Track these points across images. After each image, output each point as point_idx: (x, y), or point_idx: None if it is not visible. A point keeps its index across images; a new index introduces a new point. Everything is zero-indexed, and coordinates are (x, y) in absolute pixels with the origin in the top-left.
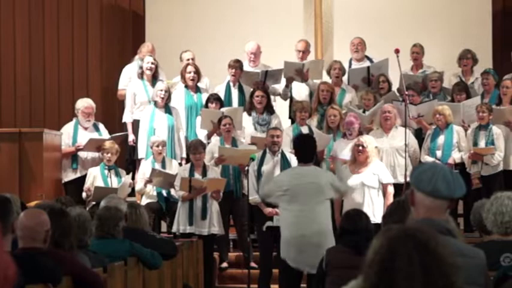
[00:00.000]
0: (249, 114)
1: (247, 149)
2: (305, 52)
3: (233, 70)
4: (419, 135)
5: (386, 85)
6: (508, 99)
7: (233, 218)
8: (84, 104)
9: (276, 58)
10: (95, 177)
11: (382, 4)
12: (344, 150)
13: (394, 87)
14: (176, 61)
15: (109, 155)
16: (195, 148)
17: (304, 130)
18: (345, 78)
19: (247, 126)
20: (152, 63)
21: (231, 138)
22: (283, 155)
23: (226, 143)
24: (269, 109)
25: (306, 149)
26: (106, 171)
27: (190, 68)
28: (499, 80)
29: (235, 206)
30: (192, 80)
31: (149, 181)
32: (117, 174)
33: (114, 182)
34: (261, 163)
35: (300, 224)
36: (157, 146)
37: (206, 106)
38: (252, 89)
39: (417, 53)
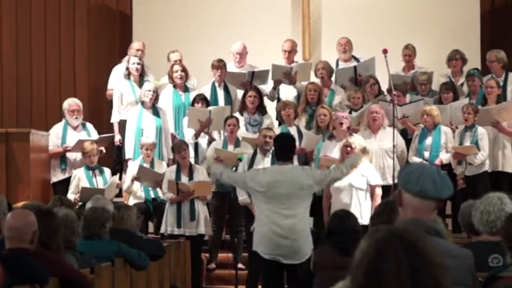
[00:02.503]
0: (241, 114)
1: (243, 151)
2: (291, 52)
3: (218, 70)
4: (404, 135)
5: (376, 87)
6: (493, 99)
7: (229, 218)
8: (69, 102)
9: (264, 58)
10: (80, 179)
11: (370, 4)
12: (332, 153)
13: (383, 88)
14: (164, 61)
15: (91, 157)
16: (179, 147)
17: (293, 130)
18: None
19: (239, 127)
20: (138, 64)
21: (235, 138)
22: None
23: (230, 143)
24: (261, 110)
25: (284, 148)
26: (90, 172)
27: (176, 67)
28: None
29: (232, 207)
30: (180, 78)
31: (136, 178)
32: (102, 174)
33: (99, 182)
34: (251, 164)
35: (275, 223)
36: (146, 149)
37: (192, 106)
38: (237, 89)
39: (409, 55)
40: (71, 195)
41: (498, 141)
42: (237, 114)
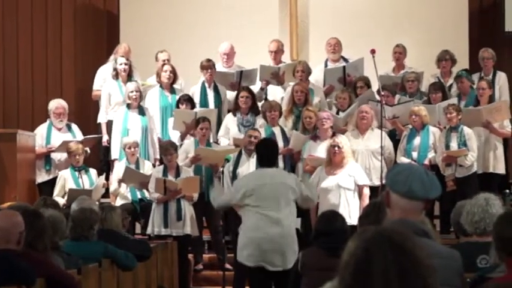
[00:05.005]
0: (234, 115)
1: (225, 150)
2: (277, 52)
3: (208, 71)
4: (393, 136)
5: (365, 89)
6: (485, 100)
7: (206, 220)
8: (55, 104)
9: (252, 58)
10: (66, 180)
11: (358, 4)
12: (316, 152)
13: (372, 89)
14: (151, 61)
15: (76, 157)
16: (166, 149)
17: (276, 131)
18: (313, 78)
19: (232, 127)
20: (125, 64)
21: (206, 141)
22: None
23: (201, 145)
24: (254, 110)
25: (267, 155)
26: (76, 173)
27: (167, 67)
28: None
29: (207, 209)
30: (167, 78)
31: (122, 180)
32: (88, 175)
33: (85, 182)
34: (236, 164)
35: (262, 225)
36: (130, 148)
37: (177, 107)
38: (226, 89)
39: (399, 53)
40: (58, 199)
41: (490, 143)
42: (230, 115)
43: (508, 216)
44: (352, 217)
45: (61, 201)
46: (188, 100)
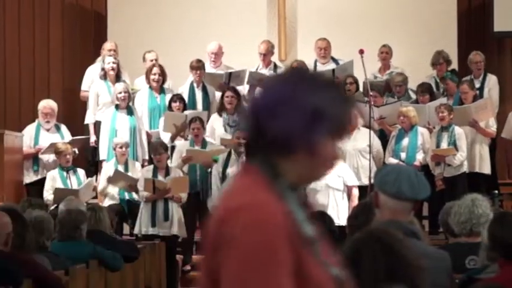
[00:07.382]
0: (220, 115)
1: (215, 150)
2: (267, 54)
3: (197, 71)
4: (382, 136)
5: (353, 86)
6: (469, 103)
7: (199, 220)
8: (43, 104)
9: (240, 58)
10: (54, 180)
11: (347, 4)
12: None
13: (361, 88)
14: (139, 61)
15: (67, 156)
16: (156, 149)
17: None
18: None
19: (218, 128)
20: (113, 63)
21: (202, 140)
22: None
23: (197, 145)
24: (240, 110)
25: None
26: (64, 173)
27: (155, 70)
28: (459, 81)
29: (202, 208)
30: (156, 81)
31: (110, 182)
32: (76, 175)
33: (74, 183)
34: (226, 165)
35: None
36: (121, 148)
37: (169, 106)
38: (215, 90)
39: (386, 53)
40: (49, 196)
41: (476, 143)
42: (215, 115)
43: (501, 217)
44: (340, 218)
45: (50, 196)
46: (181, 99)
